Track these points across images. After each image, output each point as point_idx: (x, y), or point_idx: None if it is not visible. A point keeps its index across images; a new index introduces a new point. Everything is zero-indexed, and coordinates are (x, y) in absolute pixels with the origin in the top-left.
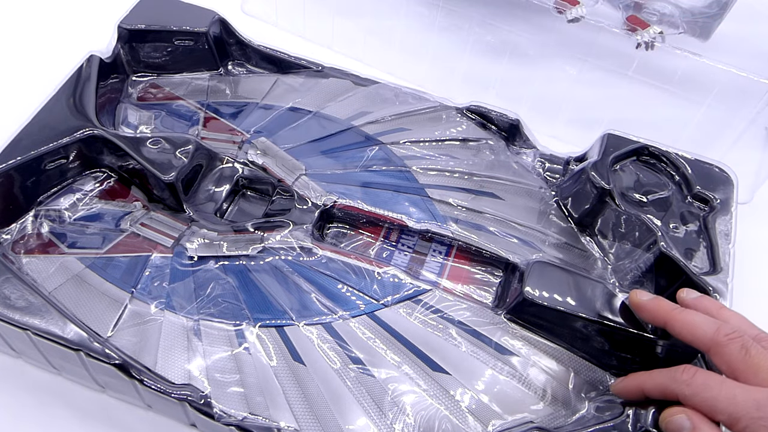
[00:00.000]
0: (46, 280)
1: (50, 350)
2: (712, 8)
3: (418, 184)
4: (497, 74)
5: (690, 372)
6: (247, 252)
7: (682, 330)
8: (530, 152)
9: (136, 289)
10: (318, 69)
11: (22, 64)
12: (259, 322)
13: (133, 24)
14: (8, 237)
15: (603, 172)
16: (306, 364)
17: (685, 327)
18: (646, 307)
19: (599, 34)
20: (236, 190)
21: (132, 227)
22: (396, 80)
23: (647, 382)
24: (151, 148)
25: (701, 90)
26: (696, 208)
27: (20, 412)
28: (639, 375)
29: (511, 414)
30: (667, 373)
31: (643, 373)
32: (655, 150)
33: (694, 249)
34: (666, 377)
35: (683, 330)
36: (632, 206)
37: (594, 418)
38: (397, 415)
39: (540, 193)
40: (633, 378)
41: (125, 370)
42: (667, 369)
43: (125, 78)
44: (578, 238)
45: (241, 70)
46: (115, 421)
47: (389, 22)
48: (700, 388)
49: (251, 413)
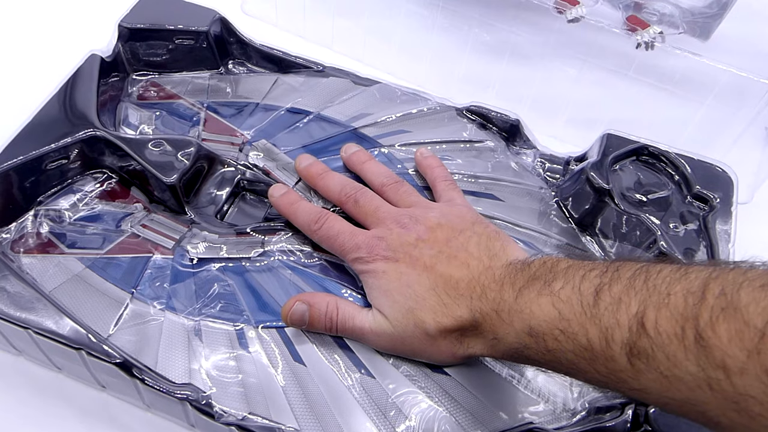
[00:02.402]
0: (45, 279)
1: (51, 349)
2: (712, 8)
3: (419, 186)
4: (497, 74)
5: (321, 222)
6: (248, 255)
7: (321, 192)
8: (530, 152)
9: (137, 289)
10: (319, 69)
11: (22, 64)
12: (260, 323)
13: (134, 23)
14: (8, 236)
15: (603, 172)
16: (306, 365)
17: (321, 189)
18: (300, 173)
19: (599, 34)
20: (237, 193)
21: (133, 228)
22: (396, 80)
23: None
24: (153, 149)
25: (701, 90)
26: (696, 207)
27: (21, 410)
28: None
29: (510, 415)
30: (305, 226)
31: None
32: (655, 150)
33: (693, 249)
34: (304, 228)
35: (321, 192)
36: (632, 206)
37: (594, 418)
38: (397, 415)
39: (540, 193)
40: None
41: (126, 369)
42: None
43: (126, 77)
44: (579, 238)
45: (241, 70)
46: (116, 420)
47: (389, 22)
48: (324, 233)
49: (251, 413)
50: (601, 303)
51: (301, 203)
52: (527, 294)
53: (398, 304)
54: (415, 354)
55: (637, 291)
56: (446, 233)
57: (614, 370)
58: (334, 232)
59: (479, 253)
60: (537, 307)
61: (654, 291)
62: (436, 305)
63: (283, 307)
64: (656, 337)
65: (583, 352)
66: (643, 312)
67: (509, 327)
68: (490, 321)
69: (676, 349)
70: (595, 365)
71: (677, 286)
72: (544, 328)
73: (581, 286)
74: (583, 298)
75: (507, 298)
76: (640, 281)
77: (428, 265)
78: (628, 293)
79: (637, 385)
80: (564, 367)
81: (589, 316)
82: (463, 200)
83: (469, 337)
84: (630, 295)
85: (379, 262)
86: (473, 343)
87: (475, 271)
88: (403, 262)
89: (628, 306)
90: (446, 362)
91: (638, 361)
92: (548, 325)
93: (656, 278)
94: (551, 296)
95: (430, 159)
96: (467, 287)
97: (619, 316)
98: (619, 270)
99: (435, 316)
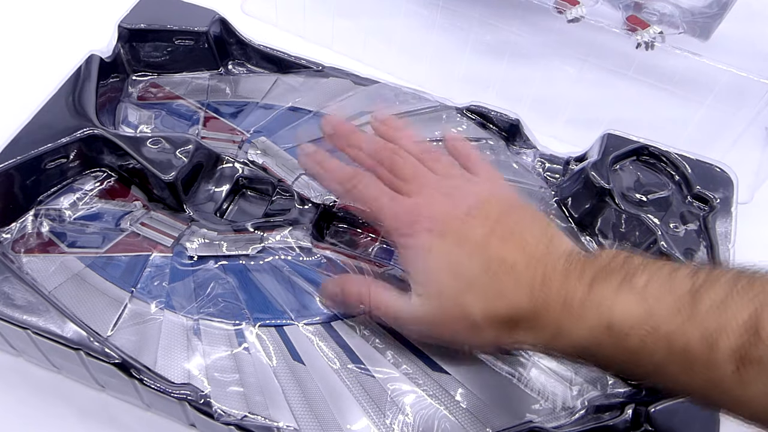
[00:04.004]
0: (46, 279)
1: (50, 349)
2: (712, 8)
3: None
4: (497, 74)
5: (355, 181)
6: (247, 252)
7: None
8: (530, 152)
9: (136, 288)
10: (318, 69)
11: (23, 64)
12: (259, 322)
13: (134, 23)
14: (8, 236)
15: (603, 172)
16: (305, 364)
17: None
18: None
19: (599, 34)
20: (236, 190)
21: (132, 227)
22: (396, 80)
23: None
24: (152, 147)
25: (701, 90)
26: (696, 207)
27: (21, 410)
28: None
29: (510, 413)
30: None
31: None
32: (655, 150)
33: (693, 249)
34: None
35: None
36: (632, 206)
37: (593, 418)
38: (396, 414)
39: (540, 193)
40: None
41: (125, 369)
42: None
43: (125, 77)
44: (578, 238)
45: (241, 70)
46: (115, 420)
47: (389, 22)
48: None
49: (250, 412)
50: (701, 305)
51: (333, 161)
52: (603, 287)
53: (443, 285)
54: (454, 343)
55: (744, 296)
56: (498, 209)
57: (715, 378)
58: (371, 194)
59: (535, 237)
60: (618, 302)
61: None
62: (489, 290)
63: (321, 288)
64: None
65: (678, 356)
66: (756, 318)
67: (580, 321)
68: (555, 313)
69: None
70: (690, 370)
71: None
72: (629, 326)
73: (672, 285)
74: (678, 298)
75: (576, 289)
76: (744, 285)
77: (480, 243)
78: (734, 297)
79: (742, 395)
80: (643, 370)
81: (687, 317)
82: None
83: (523, 328)
84: (736, 300)
85: (423, 236)
86: (526, 335)
87: (533, 255)
88: (450, 237)
89: (736, 310)
90: (486, 351)
91: (749, 370)
92: (633, 322)
93: (764, 284)
94: (635, 292)
95: (462, 142)
96: (526, 273)
97: (725, 320)
98: (713, 272)
99: (487, 302)
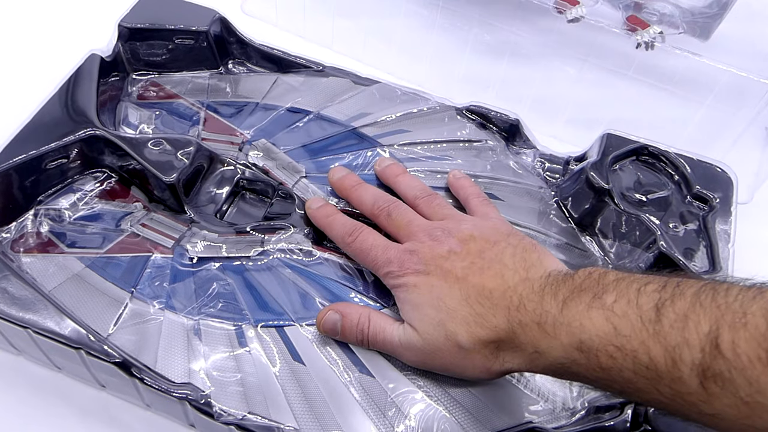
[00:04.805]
0: (45, 279)
1: (51, 348)
2: (712, 8)
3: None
4: (497, 74)
5: (354, 235)
6: (248, 254)
7: (354, 204)
8: (530, 152)
9: (137, 288)
10: (319, 68)
11: (23, 64)
12: (260, 323)
13: (134, 22)
14: (8, 236)
15: (602, 172)
16: (306, 364)
17: (354, 202)
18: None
19: (599, 34)
20: (236, 192)
21: (132, 227)
22: (396, 80)
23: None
24: (153, 148)
25: (701, 90)
26: (695, 207)
27: (21, 409)
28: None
29: (510, 414)
30: (339, 239)
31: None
32: (655, 150)
33: (693, 248)
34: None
35: (354, 204)
36: (632, 206)
37: (593, 417)
38: (396, 414)
39: (540, 193)
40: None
41: (125, 368)
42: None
43: (125, 76)
44: (578, 238)
45: (241, 69)
46: (115, 419)
47: (389, 22)
48: (357, 246)
49: (251, 412)
50: (664, 320)
51: (338, 216)
52: (574, 306)
53: (428, 317)
54: (447, 369)
55: (706, 309)
56: (479, 245)
57: (681, 392)
58: (367, 246)
59: (515, 264)
60: (588, 320)
61: (727, 310)
62: (469, 316)
63: (318, 315)
64: (735, 360)
65: (644, 371)
66: (716, 332)
67: (554, 340)
68: (531, 333)
69: (759, 374)
70: (657, 386)
71: (753, 305)
72: (597, 344)
73: (639, 301)
74: (643, 314)
75: (550, 309)
76: (707, 298)
77: (460, 276)
78: (696, 311)
79: (709, 410)
80: (618, 386)
81: (652, 333)
82: (498, 215)
83: (505, 351)
84: (698, 313)
85: (410, 276)
86: (510, 357)
87: (511, 281)
88: (435, 274)
89: (697, 324)
90: (480, 378)
91: (712, 384)
92: (602, 340)
93: (726, 296)
94: (604, 310)
95: (463, 180)
96: (502, 297)
97: (687, 334)
98: (680, 285)
99: (468, 327)
